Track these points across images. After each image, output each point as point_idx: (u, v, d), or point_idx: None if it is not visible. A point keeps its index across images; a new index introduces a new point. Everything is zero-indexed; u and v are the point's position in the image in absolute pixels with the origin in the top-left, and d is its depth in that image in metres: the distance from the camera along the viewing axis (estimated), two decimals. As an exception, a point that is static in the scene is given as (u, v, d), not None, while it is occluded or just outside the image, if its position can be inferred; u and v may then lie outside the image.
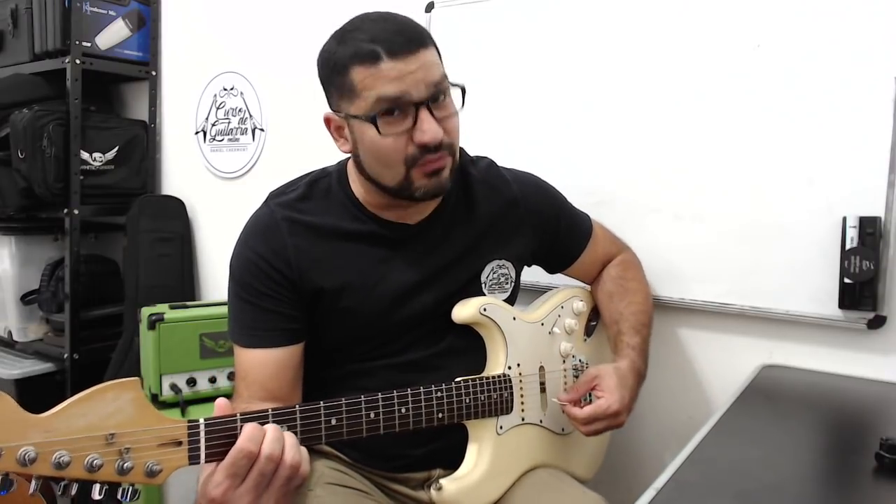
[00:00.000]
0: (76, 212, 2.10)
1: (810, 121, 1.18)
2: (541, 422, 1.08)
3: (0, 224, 2.22)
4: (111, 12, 2.19)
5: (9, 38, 2.24)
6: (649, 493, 0.72)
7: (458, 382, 0.98)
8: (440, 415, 0.95)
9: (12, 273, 2.22)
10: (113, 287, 2.25)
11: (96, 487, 0.71)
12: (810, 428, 0.98)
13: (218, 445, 0.76)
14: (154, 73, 2.30)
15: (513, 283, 1.13)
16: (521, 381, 1.05)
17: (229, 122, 2.11)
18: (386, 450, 1.03)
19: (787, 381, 1.17)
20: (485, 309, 1.04)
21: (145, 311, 1.73)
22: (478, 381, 1.00)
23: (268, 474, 0.76)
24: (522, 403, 1.05)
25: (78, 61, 2.10)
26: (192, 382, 1.71)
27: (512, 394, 1.03)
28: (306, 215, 1.02)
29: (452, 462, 1.02)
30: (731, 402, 1.03)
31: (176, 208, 2.21)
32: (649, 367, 1.11)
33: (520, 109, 1.48)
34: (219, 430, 0.77)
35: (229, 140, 2.11)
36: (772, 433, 0.93)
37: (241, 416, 0.79)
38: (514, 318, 1.07)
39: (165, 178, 2.33)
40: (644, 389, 1.37)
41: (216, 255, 2.19)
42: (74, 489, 0.70)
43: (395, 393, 0.91)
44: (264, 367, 0.98)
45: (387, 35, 0.90)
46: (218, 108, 2.14)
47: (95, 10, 2.15)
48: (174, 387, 1.70)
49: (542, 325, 1.12)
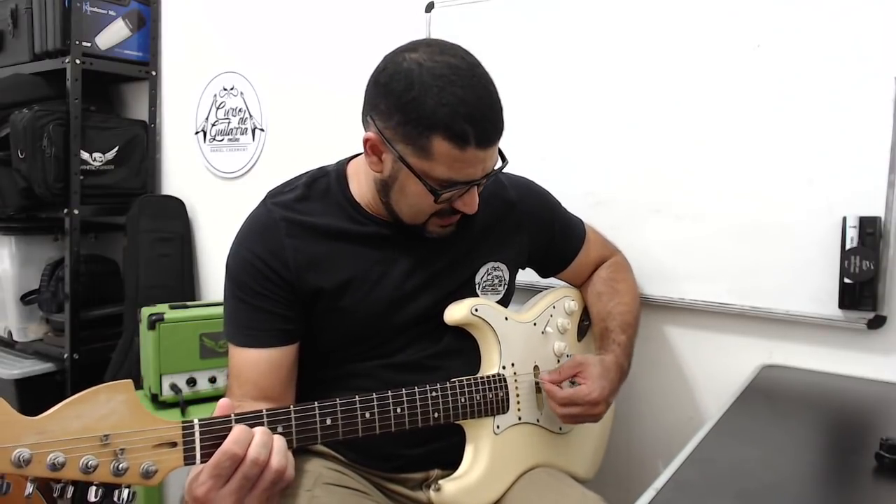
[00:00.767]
0: (76, 212, 2.10)
1: (810, 121, 1.18)
2: (538, 421, 1.08)
3: (0, 224, 2.22)
4: (111, 12, 2.19)
5: (9, 38, 2.24)
6: (649, 493, 0.72)
7: (453, 382, 0.98)
8: (436, 414, 0.95)
9: (12, 273, 2.22)
10: (113, 287, 2.25)
11: (92, 490, 0.71)
12: (810, 428, 0.98)
13: (213, 446, 0.76)
14: (154, 73, 2.30)
15: (506, 285, 1.13)
16: (515, 380, 1.05)
17: (229, 122, 2.11)
18: (384, 450, 1.03)
19: (787, 381, 1.17)
20: (476, 309, 1.04)
21: (145, 311, 1.73)
22: (472, 381, 1.00)
23: (252, 478, 0.76)
24: (518, 403, 1.05)
25: (78, 61, 2.10)
26: (192, 382, 1.71)
27: (507, 393, 1.03)
28: (304, 215, 1.02)
29: (451, 462, 1.02)
30: (731, 402, 1.03)
31: (176, 208, 2.21)
32: (649, 367, 1.12)
33: (520, 109, 1.48)
34: (213, 431, 0.77)
35: (229, 140, 2.11)
36: (772, 433, 0.93)
37: (236, 417, 0.78)
38: (507, 319, 1.07)
39: (165, 178, 2.33)
40: (644, 389, 1.37)
41: (216, 255, 2.19)
42: (71, 491, 0.70)
43: (389, 393, 0.91)
44: (257, 366, 0.98)
45: (482, 121, 0.89)
46: (218, 108, 2.14)
47: (95, 10, 2.15)
48: (174, 387, 1.70)
49: (535, 325, 1.12)
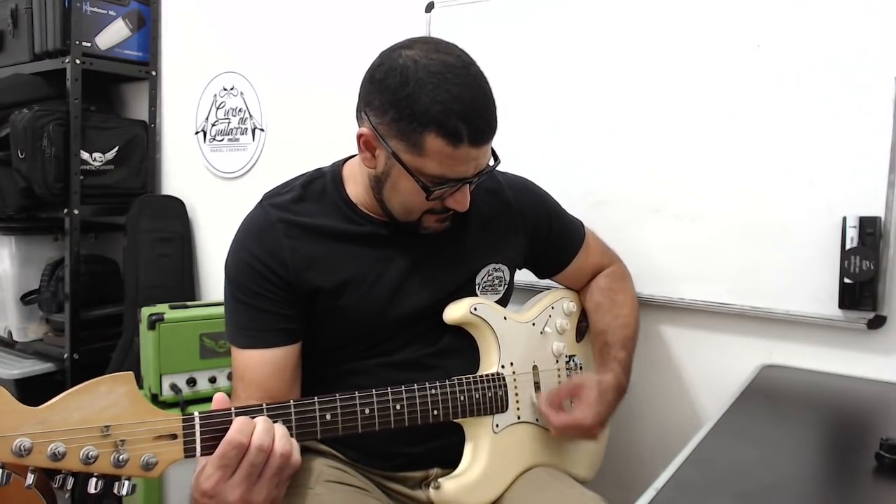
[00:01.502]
0: (76, 212, 2.10)
1: (810, 121, 1.18)
2: (537, 420, 1.08)
3: (0, 224, 2.22)
4: (111, 12, 2.19)
5: (9, 38, 2.24)
6: (649, 493, 0.72)
7: (453, 380, 0.98)
8: (435, 412, 0.95)
9: (12, 273, 2.22)
10: (113, 287, 2.25)
11: (92, 481, 0.71)
12: (810, 428, 0.98)
13: (213, 439, 0.76)
14: (154, 73, 2.30)
15: (506, 285, 1.13)
16: (514, 379, 1.05)
17: (229, 122, 2.11)
18: (384, 449, 1.03)
19: (787, 381, 1.17)
20: (475, 308, 1.04)
21: (145, 311, 1.73)
22: (472, 379, 1.00)
23: (258, 465, 0.76)
24: (517, 402, 1.05)
25: (78, 61, 2.10)
26: (192, 382, 1.71)
27: (506, 392, 1.04)
28: (301, 216, 1.02)
29: (450, 461, 1.02)
30: (731, 402, 1.03)
31: (176, 208, 2.21)
32: (649, 367, 1.12)
33: (520, 109, 1.48)
34: (214, 424, 0.77)
35: (229, 140, 2.11)
36: (772, 433, 0.93)
37: (236, 410, 0.79)
38: (506, 318, 1.07)
39: (165, 178, 2.33)
40: (644, 389, 1.37)
41: (216, 255, 2.19)
42: (71, 483, 0.70)
43: (389, 389, 0.91)
44: (261, 367, 0.98)
45: (475, 118, 0.89)
46: (218, 108, 2.14)
47: (95, 10, 2.15)
48: (174, 387, 1.70)
49: (534, 325, 1.12)
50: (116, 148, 2.20)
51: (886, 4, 1.11)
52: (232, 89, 2.10)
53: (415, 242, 1.05)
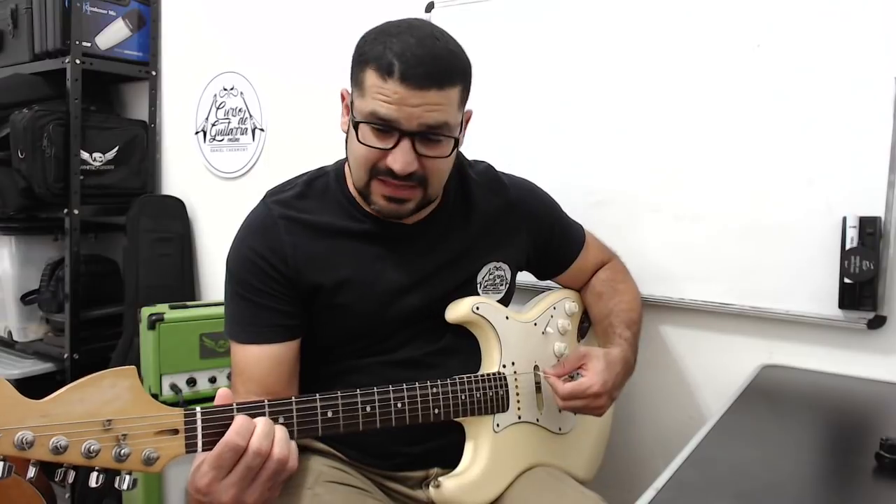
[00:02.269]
0: (76, 212, 2.10)
1: (810, 121, 1.18)
2: (537, 420, 1.08)
3: (0, 224, 2.22)
4: (111, 12, 2.19)
5: (9, 38, 2.23)
6: (649, 493, 0.72)
7: (454, 379, 0.98)
8: (436, 410, 0.95)
9: (12, 273, 2.22)
10: (113, 287, 2.25)
11: (93, 475, 0.71)
12: (810, 428, 0.98)
13: (214, 434, 0.76)
14: (154, 73, 2.30)
15: (507, 285, 1.13)
16: (516, 379, 1.05)
17: (229, 122, 2.11)
18: (384, 448, 1.03)
19: (787, 381, 1.17)
20: (477, 308, 1.04)
21: (145, 311, 1.73)
22: (473, 378, 1.00)
23: (255, 468, 0.76)
24: (518, 402, 1.05)
25: (78, 61, 2.10)
26: (192, 382, 1.71)
27: (507, 392, 1.03)
28: (303, 213, 1.03)
29: (450, 461, 1.02)
30: (731, 402, 1.03)
31: (176, 208, 2.21)
32: (649, 367, 1.11)
33: (520, 109, 1.48)
34: (215, 420, 0.77)
35: (229, 140, 2.11)
36: (772, 433, 0.93)
37: (238, 406, 0.79)
38: (507, 318, 1.07)
39: (165, 178, 2.33)
40: (644, 389, 1.37)
41: (216, 255, 2.19)
42: (72, 476, 0.70)
43: (390, 388, 0.91)
44: (260, 362, 0.99)
45: (412, 58, 0.88)
46: (218, 108, 2.14)
47: (95, 10, 2.15)
48: (174, 387, 1.70)
49: (535, 325, 1.12)
50: (116, 148, 2.20)
51: (886, 4, 1.11)
52: (232, 89, 2.10)
53: (416, 240, 1.05)
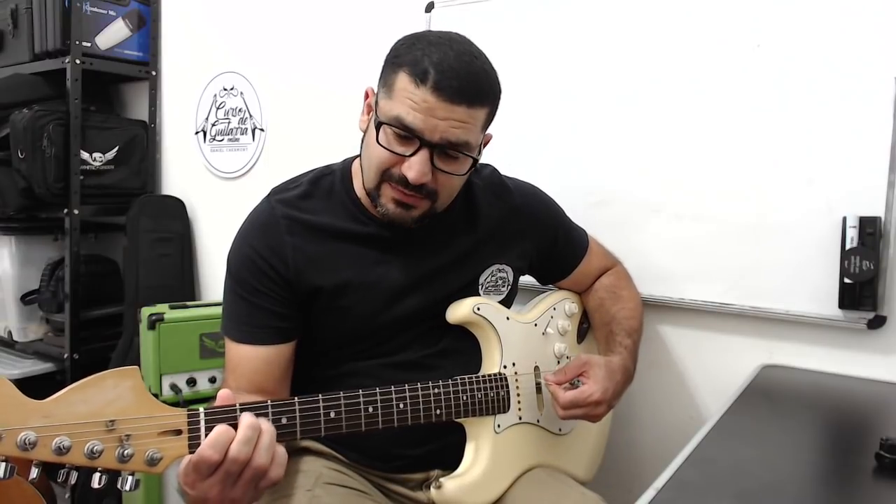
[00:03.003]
0: (76, 212, 2.10)
1: (810, 121, 1.18)
2: (538, 421, 1.08)
3: (0, 224, 2.22)
4: (111, 12, 2.19)
5: (9, 38, 2.23)
6: (649, 493, 0.72)
7: (455, 380, 0.98)
8: (438, 411, 0.95)
9: (12, 273, 2.22)
10: (113, 287, 2.24)
11: (96, 476, 0.71)
12: (810, 428, 0.98)
13: None
14: (154, 73, 2.30)
15: (509, 287, 1.13)
16: (516, 380, 1.05)
17: (229, 122, 2.11)
18: (385, 450, 1.03)
19: (787, 381, 1.17)
20: (478, 308, 1.04)
21: (145, 311, 1.73)
22: (474, 379, 1.00)
23: (234, 473, 0.75)
24: (519, 403, 1.05)
25: (78, 61, 2.10)
26: (192, 382, 1.71)
27: (508, 392, 1.03)
28: (306, 214, 1.02)
29: (451, 463, 1.02)
30: (731, 402, 1.03)
31: (176, 208, 2.21)
32: (649, 367, 1.11)
33: (520, 109, 1.48)
34: (219, 420, 0.77)
35: (229, 140, 2.11)
36: (772, 433, 0.93)
37: (241, 406, 0.79)
38: (508, 318, 1.07)
39: (165, 178, 2.33)
40: (644, 389, 1.37)
41: (216, 255, 2.19)
42: (74, 477, 0.70)
43: (392, 388, 0.91)
44: (252, 362, 0.99)
45: (448, 71, 0.89)
46: (218, 108, 2.14)
47: (95, 10, 2.15)
48: (174, 387, 1.70)
49: (536, 325, 1.12)
50: (116, 148, 2.20)
51: (886, 5, 1.11)
52: (232, 89, 2.10)
53: (419, 243, 1.05)
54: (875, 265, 1.11)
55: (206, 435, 0.75)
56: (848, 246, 1.13)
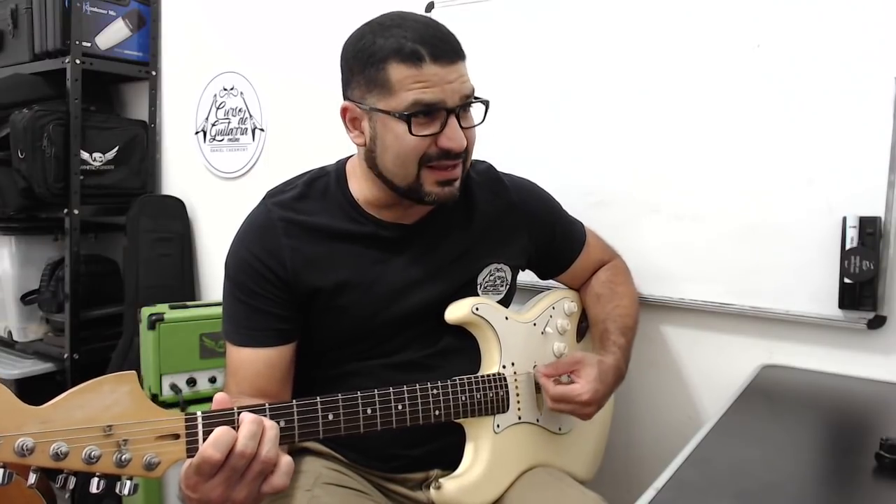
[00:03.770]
0: (76, 212, 2.10)
1: (810, 121, 1.18)
2: (537, 421, 1.08)
3: (0, 224, 2.22)
4: (111, 12, 2.19)
5: (9, 38, 2.23)
6: (649, 493, 0.72)
7: (454, 380, 0.98)
8: (437, 412, 0.95)
9: (12, 273, 2.22)
10: (113, 287, 2.25)
11: (94, 481, 0.71)
12: (810, 428, 0.98)
13: None
14: (154, 73, 2.30)
15: (507, 286, 1.13)
16: (515, 380, 1.05)
17: (229, 122, 2.11)
18: (384, 450, 1.03)
19: (787, 381, 1.17)
20: (477, 308, 1.04)
21: (145, 311, 1.73)
22: (473, 379, 1.00)
23: (240, 469, 0.75)
24: (518, 402, 1.05)
25: (78, 61, 2.10)
26: (192, 382, 1.71)
27: (507, 392, 1.03)
28: (303, 215, 1.02)
29: (450, 463, 1.02)
30: (731, 402, 1.03)
31: (176, 208, 2.21)
32: (649, 367, 1.11)
33: (520, 109, 1.48)
34: (216, 424, 0.76)
35: (229, 140, 2.11)
36: (772, 433, 0.93)
37: (239, 409, 0.78)
38: (507, 318, 1.07)
39: (165, 178, 2.33)
40: (644, 389, 1.37)
41: (216, 255, 2.19)
42: (73, 483, 0.70)
43: (391, 389, 0.91)
44: (254, 365, 0.99)
45: (431, 39, 0.91)
46: (218, 108, 2.14)
47: (95, 10, 2.15)
48: (174, 387, 1.70)
49: (535, 325, 1.12)
50: (116, 148, 2.20)
51: (886, 4, 1.11)
52: (232, 89, 2.10)
53: (416, 242, 1.05)
54: (875, 265, 1.11)
55: (203, 438, 0.75)
56: (848, 246, 1.13)
